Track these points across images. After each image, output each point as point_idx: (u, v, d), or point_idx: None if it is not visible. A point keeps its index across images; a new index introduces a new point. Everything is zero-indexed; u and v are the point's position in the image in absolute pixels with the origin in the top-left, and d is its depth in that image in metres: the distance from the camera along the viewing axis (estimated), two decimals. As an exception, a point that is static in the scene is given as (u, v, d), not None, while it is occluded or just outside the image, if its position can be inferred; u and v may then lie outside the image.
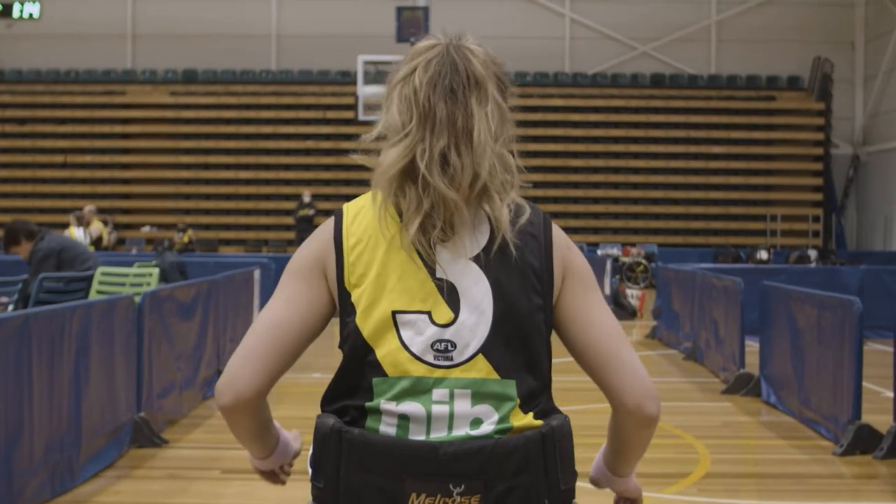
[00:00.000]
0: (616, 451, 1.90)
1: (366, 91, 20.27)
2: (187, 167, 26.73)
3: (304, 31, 27.79)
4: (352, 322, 1.74)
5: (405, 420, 1.71)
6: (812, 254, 21.49)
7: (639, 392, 1.77)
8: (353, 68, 23.62)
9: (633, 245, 22.18)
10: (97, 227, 18.68)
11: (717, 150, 26.71)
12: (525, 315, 1.74)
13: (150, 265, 9.78)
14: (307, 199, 22.87)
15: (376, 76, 19.88)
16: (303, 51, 27.74)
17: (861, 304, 6.30)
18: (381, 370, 1.72)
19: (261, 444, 1.90)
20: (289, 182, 26.29)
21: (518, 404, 1.73)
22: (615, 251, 15.86)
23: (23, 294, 7.50)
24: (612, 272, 15.33)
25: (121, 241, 24.36)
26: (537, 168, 24.91)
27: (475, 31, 1.88)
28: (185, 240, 23.25)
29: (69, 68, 27.68)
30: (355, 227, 1.77)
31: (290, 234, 24.54)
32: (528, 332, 1.74)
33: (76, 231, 17.06)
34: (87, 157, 26.64)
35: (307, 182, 25.55)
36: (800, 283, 9.30)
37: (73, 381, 5.22)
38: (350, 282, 1.75)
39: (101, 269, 8.12)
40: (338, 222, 1.79)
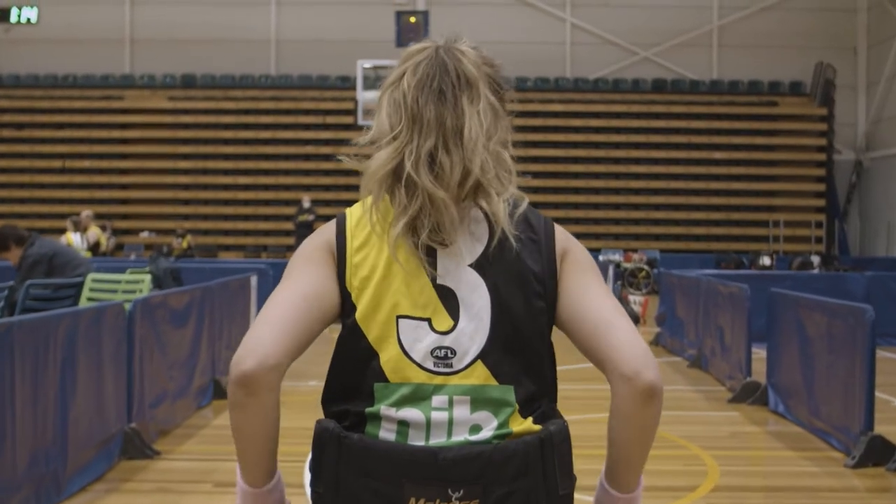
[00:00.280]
0: (617, 450, 1.73)
1: (365, 96, 20.20)
2: (186, 172, 26.60)
3: (304, 36, 27.67)
4: (351, 322, 1.72)
5: (405, 426, 1.70)
6: (815, 260, 21.35)
7: (636, 359, 1.67)
8: (352, 73, 23.55)
9: (634, 251, 22.01)
10: (94, 233, 18.53)
11: (718, 155, 26.58)
12: (524, 320, 1.72)
13: (142, 271, 9.61)
14: (307, 205, 22.73)
15: (376, 81, 19.79)
16: (302, 56, 27.61)
17: (874, 313, 6.15)
18: (382, 375, 1.71)
19: (264, 460, 1.71)
20: (288, 187, 26.16)
21: (517, 409, 1.71)
22: (617, 257, 15.68)
23: (9, 301, 7.33)
24: (615, 278, 15.17)
25: (119, 247, 24.25)
26: (538, 173, 24.82)
27: (475, 35, 1.86)
28: (184, 245, 23.22)
29: (67, 73, 27.56)
30: (359, 230, 1.76)
31: (290, 240, 24.42)
32: (527, 337, 1.72)
33: (73, 236, 16.90)
34: (86, 163, 26.52)
35: (306, 187, 25.43)
36: (805, 290, 9.15)
37: (59, 391, 5.05)
38: (352, 283, 1.73)
39: (91, 276, 7.95)
40: (341, 225, 1.78)
